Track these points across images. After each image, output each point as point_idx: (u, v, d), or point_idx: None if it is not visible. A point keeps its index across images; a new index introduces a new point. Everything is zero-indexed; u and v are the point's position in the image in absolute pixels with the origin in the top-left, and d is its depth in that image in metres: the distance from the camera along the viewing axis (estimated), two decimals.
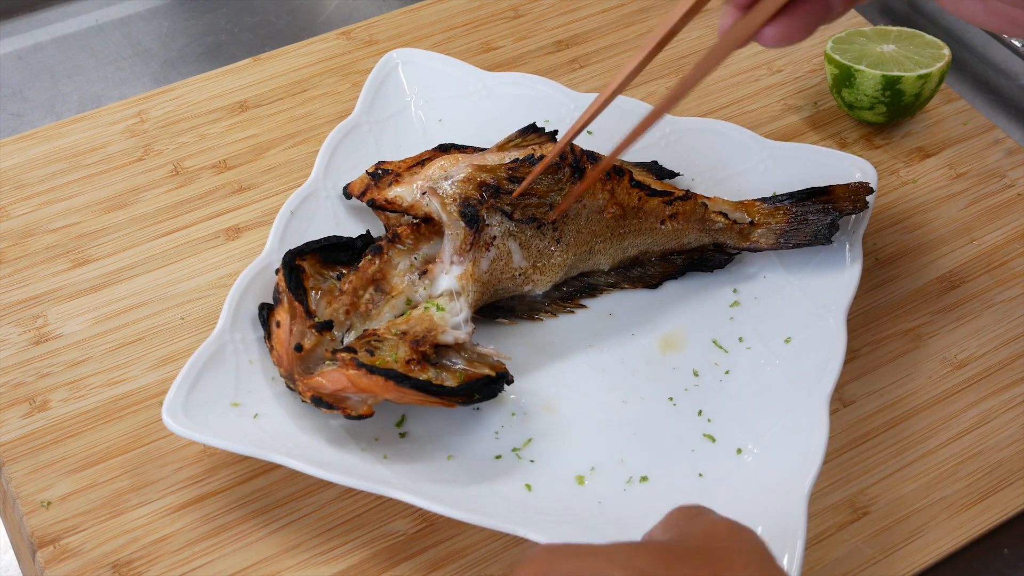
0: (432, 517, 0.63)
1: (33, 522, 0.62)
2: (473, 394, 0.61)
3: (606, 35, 0.90)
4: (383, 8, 0.99)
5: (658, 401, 0.66)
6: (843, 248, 0.71)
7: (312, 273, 0.66)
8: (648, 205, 0.70)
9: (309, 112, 0.83)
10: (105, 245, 0.74)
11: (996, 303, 0.74)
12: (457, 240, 0.66)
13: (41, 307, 0.71)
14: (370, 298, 0.66)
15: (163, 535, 0.61)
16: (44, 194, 0.77)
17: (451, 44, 0.88)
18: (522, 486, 0.62)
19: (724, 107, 0.84)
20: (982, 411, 0.68)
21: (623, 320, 0.70)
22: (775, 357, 0.67)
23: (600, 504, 0.61)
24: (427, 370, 0.62)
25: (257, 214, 0.76)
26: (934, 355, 0.71)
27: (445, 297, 0.66)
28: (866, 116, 0.82)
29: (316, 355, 0.64)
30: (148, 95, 0.84)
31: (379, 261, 0.66)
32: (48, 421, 0.66)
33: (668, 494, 0.62)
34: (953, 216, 0.78)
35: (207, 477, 0.64)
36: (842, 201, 0.71)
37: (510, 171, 0.67)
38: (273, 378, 0.65)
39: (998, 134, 0.83)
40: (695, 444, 0.64)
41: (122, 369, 0.68)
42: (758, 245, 0.71)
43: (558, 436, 0.65)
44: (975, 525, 0.64)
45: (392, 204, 0.68)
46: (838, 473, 0.65)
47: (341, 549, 0.61)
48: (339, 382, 0.61)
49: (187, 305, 0.71)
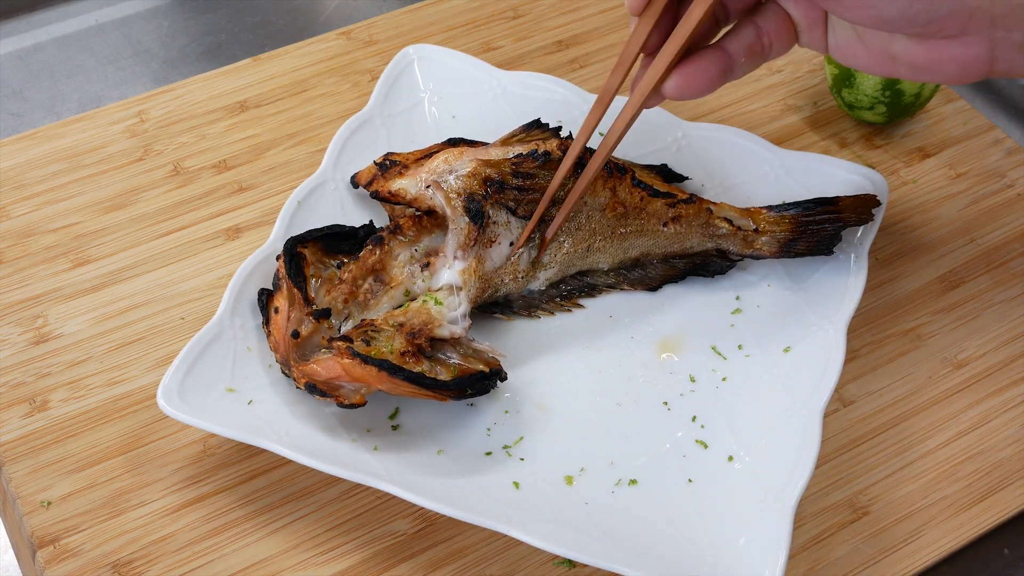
0: (432, 517, 0.63)
1: (33, 522, 0.62)
2: (466, 389, 0.62)
3: (606, 35, 0.90)
4: (383, 8, 0.99)
5: (652, 405, 0.66)
6: (848, 259, 0.71)
7: (313, 261, 0.66)
8: (651, 206, 0.70)
9: (309, 112, 0.83)
10: (105, 245, 0.74)
11: (996, 303, 0.74)
12: (461, 235, 0.66)
13: (41, 307, 0.71)
14: (369, 288, 0.66)
15: (163, 535, 0.61)
16: (44, 194, 0.77)
17: (451, 44, 0.88)
18: (510, 484, 0.62)
19: (724, 107, 0.84)
20: (982, 411, 0.68)
21: (622, 322, 0.70)
22: (773, 366, 0.67)
23: (586, 505, 0.61)
24: (421, 363, 0.62)
25: (257, 214, 0.76)
26: (934, 355, 0.71)
27: (444, 291, 0.66)
28: (866, 116, 0.82)
29: (313, 342, 0.64)
30: (148, 95, 0.84)
31: (380, 251, 0.66)
32: (48, 421, 0.66)
33: (656, 498, 0.62)
34: (953, 216, 0.78)
35: (207, 477, 0.64)
36: (848, 212, 0.70)
37: (514, 166, 0.67)
38: (270, 365, 0.65)
39: (998, 134, 0.83)
40: (687, 449, 0.64)
41: (122, 369, 0.68)
42: (761, 253, 0.71)
43: (550, 435, 0.65)
44: (975, 525, 0.64)
45: (396, 196, 0.69)
46: (838, 473, 0.65)
47: (341, 549, 0.61)
48: (333, 370, 0.61)
49: (187, 305, 0.71)
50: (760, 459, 0.62)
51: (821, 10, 0.56)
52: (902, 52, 0.54)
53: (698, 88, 0.57)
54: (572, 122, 0.78)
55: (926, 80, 0.55)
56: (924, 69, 0.54)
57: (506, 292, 0.69)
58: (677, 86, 0.57)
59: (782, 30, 0.57)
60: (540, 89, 0.79)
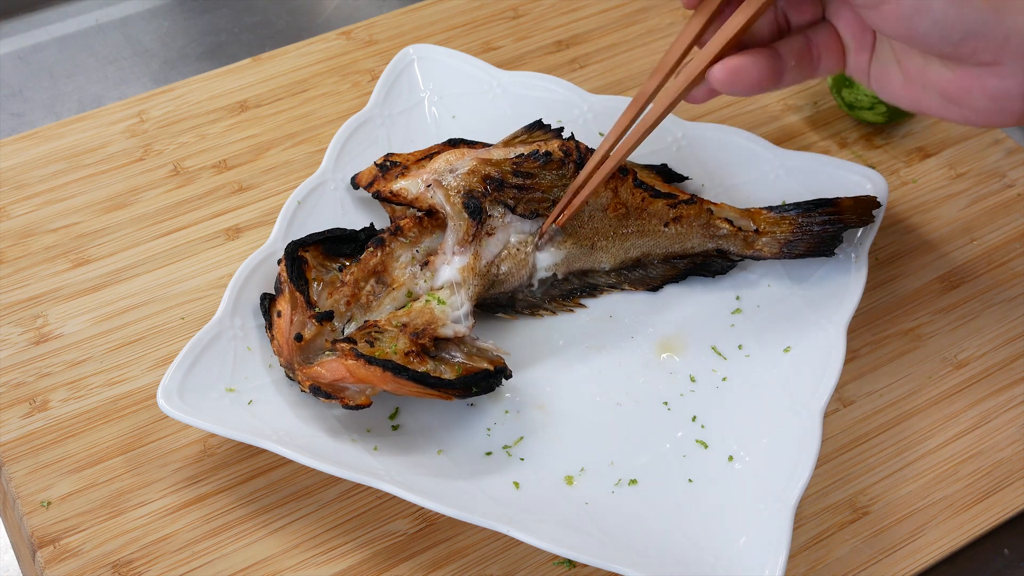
0: (432, 517, 0.63)
1: (33, 522, 0.62)
2: (471, 388, 0.62)
3: (606, 35, 0.90)
4: (383, 8, 0.99)
5: (653, 405, 0.66)
6: (848, 259, 0.71)
7: (314, 264, 0.66)
8: (652, 207, 0.70)
9: (309, 112, 0.83)
10: (105, 245, 0.74)
11: (996, 303, 0.74)
12: (459, 232, 0.66)
13: (41, 307, 0.71)
14: (371, 289, 0.66)
15: (163, 535, 0.61)
16: (44, 194, 0.77)
17: (451, 44, 0.88)
18: (510, 484, 0.62)
19: (724, 107, 0.84)
20: (982, 411, 0.68)
21: (622, 322, 0.70)
22: (773, 366, 0.67)
23: (587, 505, 0.61)
24: (426, 362, 0.62)
25: (257, 214, 0.76)
26: (934, 355, 0.71)
27: (446, 290, 0.66)
28: (866, 116, 0.82)
29: (316, 345, 0.64)
30: (148, 95, 0.84)
31: (381, 253, 0.67)
32: (48, 421, 0.66)
33: (656, 498, 0.62)
34: (953, 216, 0.78)
35: (207, 477, 0.64)
36: (848, 214, 0.70)
37: (515, 166, 0.67)
38: (270, 366, 0.65)
39: (998, 134, 0.83)
40: (687, 449, 0.64)
41: (122, 369, 0.68)
42: (761, 253, 0.71)
43: (550, 435, 0.65)
44: (975, 525, 0.64)
45: (397, 196, 0.69)
46: (838, 473, 0.65)
47: (341, 549, 0.61)
48: (338, 372, 0.61)
49: (187, 305, 0.71)
50: (760, 459, 0.62)
51: (869, 35, 0.56)
52: (936, 79, 0.53)
53: (747, 81, 0.55)
54: (572, 122, 0.78)
55: (956, 118, 0.53)
56: (955, 100, 0.53)
57: (509, 289, 0.69)
58: (725, 76, 0.55)
59: (831, 46, 0.57)
60: (540, 89, 0.79)
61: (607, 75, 0.86)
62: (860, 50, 0.57)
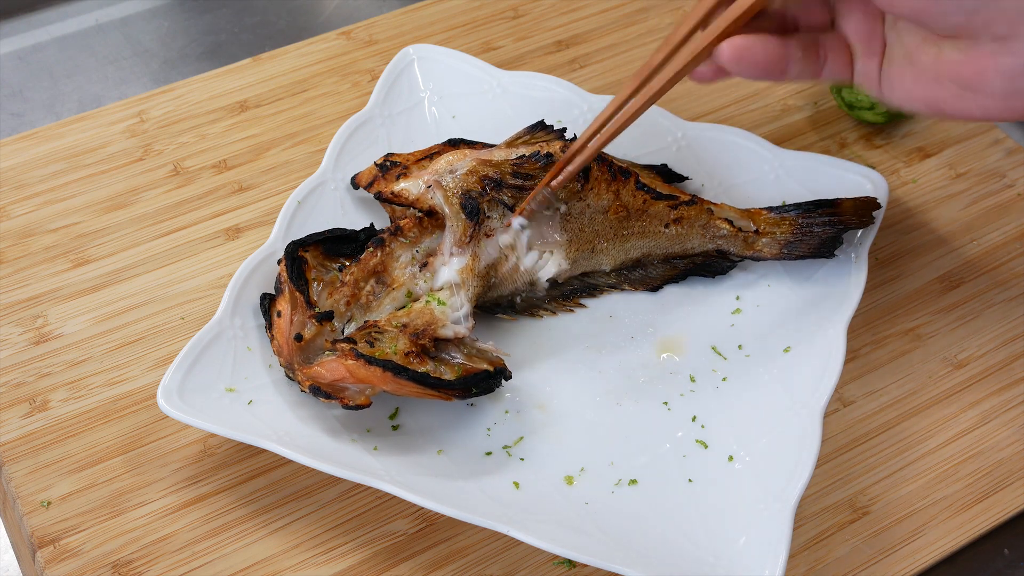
0: (432, 517, 0.63)
1: (33, 522, 0.62)
2: (471, 388, 0.62)
3: (606, 35, 0.90)
4: (383, 8, 0.99)
5: (653, 405, 0.66)
6: (848, 259, 0.71)
7: (315, 264, 0.66)
8: (653, 208, 0.70)
9: (309, 112, 0.83)
10: (105, 245, 0.74)
11: (996, 303, 0.74)
12: (457, 232, 0.66)
13: (41, 307, 0.71)
14: (371, 290, 0.66)
15: (163, 535, 0.61)
16: (44, 194, 0.77)
17: (451, 44, 0.88)
18: (510, 484, 0.62)
19: (724, 107, 0.84)
20: (982, 411, 0.68)
21: (622, 322, 0.70)
22: (773, 366, 0.67)
23: (586, 505, 0.61)
24: (426, 363, 0.62)
25: (257, 214, 0.76)
26: (934, 355, 0.71)
27: (446, 291, 0.66)
28: (866, 116, 0.82)
29: (316, 345, 0.64)
30: (148, 95, 0.84)
31: (381, 253, 0.67)
32: (48, 421, 0.66)
33: (656, 498, 0.62)
34: (953, 216, 0.78)
35: (207, 477, 0.64)
36: (848, 215, 0.70)
37: (515, 167, 0.67)
38: (270, 365, 0.65)
39: (998, 134, 0.83)
40: (687, 449, 0.64)
41: (122, 369, 0.68)
42: (761, 254, 0.71)
43: (550, 435, 0.65)
44: (975, 525, 0.64)
45: (398, 197, 0.69)
46: (838, 473, 0.65)
47: (341, 549, 0.61)
48: (338, 372, 0.61)
49: (187, 305, 0.71)
50: (760, 459, 0.62)
51: (878, 40, 0.56)
52: (949, 66, 0.52)
53: (753, 61, 0.54)
54: (572, 122, 0.78)
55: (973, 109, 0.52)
56: (971, 86, 0.52)
57: (509, 291, 0.69)
58: (733, 53, 0.54)
59: (839, 51, 0.57)
60: (540, 89, 0.79)
61: (607, 75, 0.86)
62: (869, 55, 0.57)
